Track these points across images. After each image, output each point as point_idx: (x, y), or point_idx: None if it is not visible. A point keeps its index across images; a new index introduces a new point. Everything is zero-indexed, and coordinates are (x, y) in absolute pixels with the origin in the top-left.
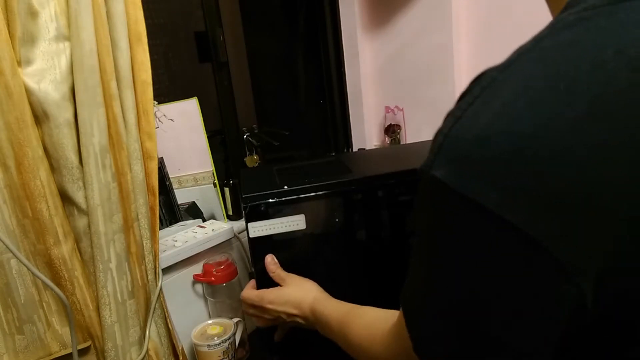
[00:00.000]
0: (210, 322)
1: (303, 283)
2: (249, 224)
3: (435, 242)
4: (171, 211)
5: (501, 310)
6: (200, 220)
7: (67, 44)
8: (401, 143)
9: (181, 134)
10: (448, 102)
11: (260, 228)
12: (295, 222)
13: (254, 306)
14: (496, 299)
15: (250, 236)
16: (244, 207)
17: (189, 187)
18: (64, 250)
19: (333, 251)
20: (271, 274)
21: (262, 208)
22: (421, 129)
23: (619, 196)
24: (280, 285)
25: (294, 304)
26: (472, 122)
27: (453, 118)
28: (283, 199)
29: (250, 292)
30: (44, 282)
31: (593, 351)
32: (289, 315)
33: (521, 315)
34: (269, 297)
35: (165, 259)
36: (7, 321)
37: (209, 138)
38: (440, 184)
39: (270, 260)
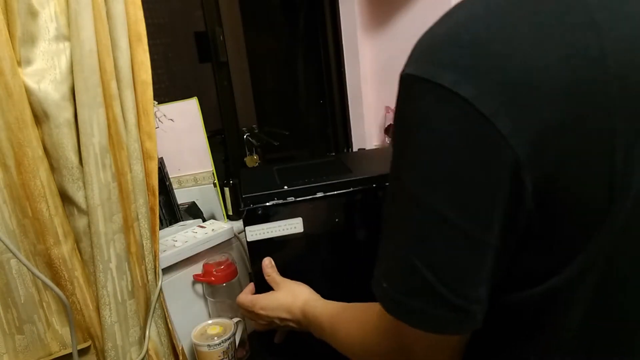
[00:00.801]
0: (210, 322)
1: (294, 287)
2: (247, 228)
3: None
4: (171, 211)
5: (449, 184)
6: (200, 220)
7: (67, 44)
8: None
9: (181, 134)
10: None
11: (257, 232)
12: (292, 225)
13: (248, 311)
14: (445, 171)
15: (248, 240)
16: (241, 210)
17: (189, 187)
18: (64, 250)
19: (333, 252)
20: (266, 277)
21: (260, 211)
22: None
23: (552, 78)
24: (274, 290)
25: (285, 308)
26: (437, 27)
27: (424, 33)
28: (280, 202)
29: (244, 297)
30: (44, 282)
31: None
32: (282, 319)
33: (468, 190)
34: (261, 302)
35: (165, 259)
36: (7, 321)
37: (209, 138)
38: (408, 77)
39: (268, 264)
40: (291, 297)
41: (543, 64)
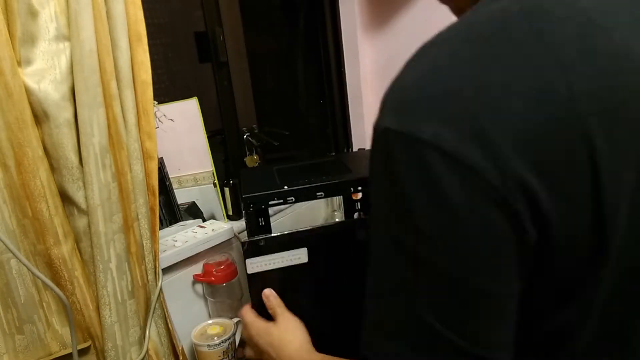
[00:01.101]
0: (210, 322)
1: (288, 332)
2: (247, 260)
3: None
4: (171, 211)
5: (451, 240)
6: (200, 220)
7: (67, 44)
8: None
9: (181, 134)
10: None
11: (259, 264)
12: (297, 256)
13: (244, 327)
14: (442, 229)
15: (248, 272)
16: (242, 243)
17: (189, 187)
18: (64, 250)
19: (336, 284)
20: (269, 311)
21: (262, 243)
22: None
23: (525, 122)
24: (273, 322)
25: (274, 349)
26: (407, 75)
27: (393, 80)
28: (285, 233)
29: (248, 313)
30: (44, 282)
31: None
32: (269, 356)
33: (472, 245)
34: (256, 327)
35: (165, 259)
36: (7, 321)
37: (209, 138)
38: (387, 132)
39: (269, 295)
40: (282, 341)
41: (514, 109)
